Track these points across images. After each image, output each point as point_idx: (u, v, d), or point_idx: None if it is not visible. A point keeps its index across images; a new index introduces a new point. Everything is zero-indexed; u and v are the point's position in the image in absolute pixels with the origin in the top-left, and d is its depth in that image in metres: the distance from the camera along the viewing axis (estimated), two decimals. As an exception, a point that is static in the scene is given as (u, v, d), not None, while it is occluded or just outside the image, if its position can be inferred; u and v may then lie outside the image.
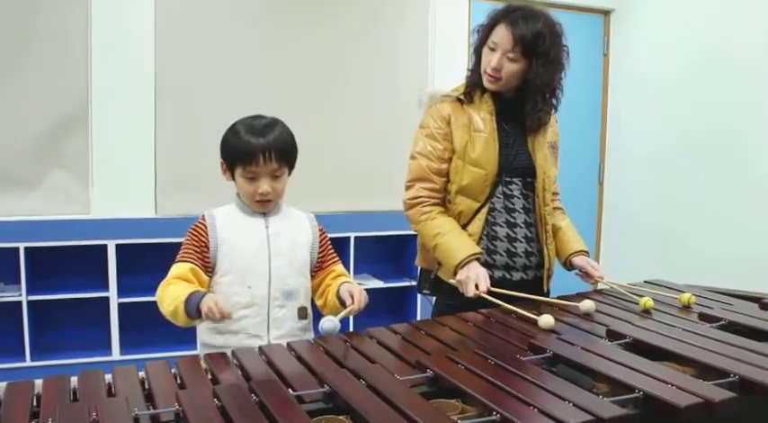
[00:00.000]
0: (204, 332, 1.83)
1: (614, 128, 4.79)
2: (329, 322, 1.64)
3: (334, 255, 1.98)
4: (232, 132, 1.80)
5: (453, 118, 2.08)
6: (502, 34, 1.98)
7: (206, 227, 1.81)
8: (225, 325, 1.77)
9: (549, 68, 2.00)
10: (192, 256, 1.78)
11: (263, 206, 1.83)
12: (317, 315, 1.92)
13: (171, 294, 1.71)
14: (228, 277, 1.80)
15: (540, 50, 1.97)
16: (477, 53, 2.09)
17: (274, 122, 1.83)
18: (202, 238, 1.80)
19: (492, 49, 2.02)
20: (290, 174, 1.86)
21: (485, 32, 2.05)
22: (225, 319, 1.63)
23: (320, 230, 1.96)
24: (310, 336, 1.89)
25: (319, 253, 1.93)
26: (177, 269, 1.77)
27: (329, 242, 1.97)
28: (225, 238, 1.80)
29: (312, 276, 1.92)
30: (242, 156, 1.76)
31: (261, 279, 1.80)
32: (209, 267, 1.80)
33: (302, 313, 1.86)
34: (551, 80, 2.03)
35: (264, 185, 1.78)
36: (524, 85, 2.04)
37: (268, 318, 1.81)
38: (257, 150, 1.74)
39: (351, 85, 4.08)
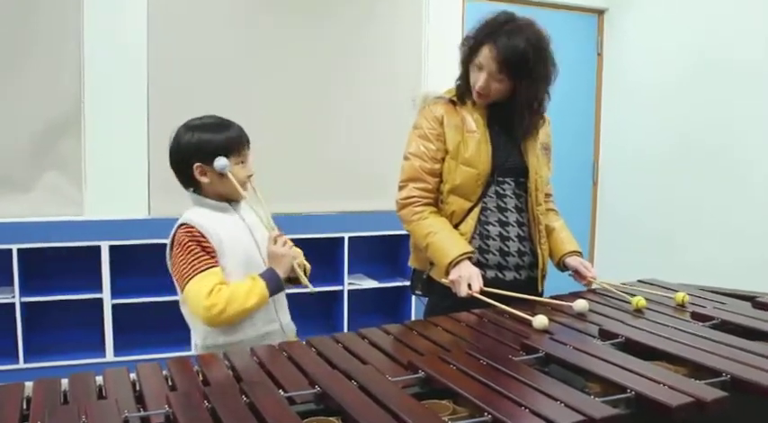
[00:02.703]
0: (217, 332, 1.81)
1: (608, 128, 4.80)
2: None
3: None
4: (198, 135, 1.83)
5: (446, 119, 2.09)
6: (487, 57, 1.98)
7: (200, 232, 1.78)
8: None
9: (535, 85, 2.01)
10: (211, 261, 1.76)
11: (247, 189, 1.88)
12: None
13: (240, 291, 1.74)
14: (235, 274, 1.80)
15: (526, 71, 1.97)
16: (465, 66, 2.09)
17: (223, 118, 1.90)
18: (205, 244, 1.77)
19: (479, 69, 2.02)
20: None
21: (471, 50, 2.04)
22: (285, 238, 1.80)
23: None
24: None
25: None
26: (213, 276, 1.74)
27: None
28: (220, 238, 1.80)
29: None
30: (234, 145, 1.83)
31: (260, 267, 1.84)
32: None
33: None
34: (537, 94, 2.04)
35: (252, 167, 1.89)
36: (515, 103, 2.05)
37: (275, 301, 1.87)
38: (242, 136, 1.85)
39: (344, 86, 4.08)
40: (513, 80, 2.00)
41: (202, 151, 1.82)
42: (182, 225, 1.81)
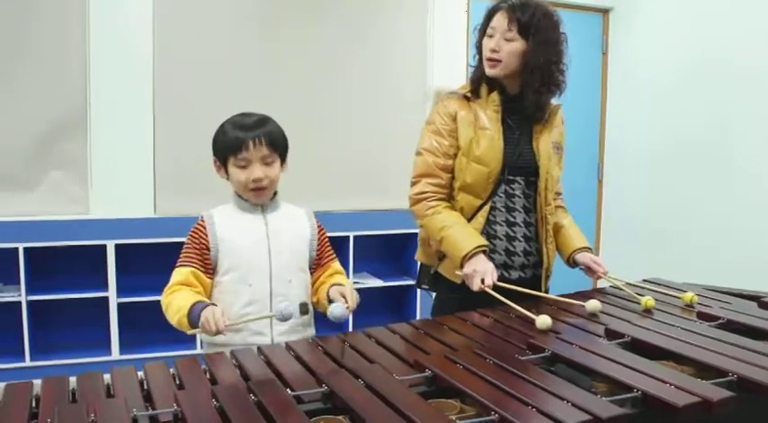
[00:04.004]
0: None
1: (614, 126, 4.79)
2: (339, 308, 1.64)
3: (332, 252, 1.98)
4: (222, 129, 1.83)
5: (459, 115, 2.10)
6: (498, 19, 2.05)
7: (205, 228, 1.81)
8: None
9: (545, 48, 2.03)
10: (193, 259, 1.79)
11: (259, 195, 1.82)
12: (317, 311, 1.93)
13: (175, 304, 1.72)
14: (229, 276, 1.80)
15: (535, 28, 2.01)
16: (479, 47, 2.12)
17: (264, 118, 1.85)
18: (202, 240, 1.80)
19: (490, 36, 2.06)
20: (282, 166, 1.86)
21: (484, 24, 2.10)
22: (218, 334, 1.60)
23: (319, 227, 1.96)
24: (312, 331, 1.90)
25: (317, 249, 1.93)
26: (179, 275, 1.78)
27: (327, 239, 1.98)
28: (224, 237, 1.81)
29: (310, 272, 1.92)
30: (232, 145, 1.78)
31: (262, 276, 1.81)
32: (209, 268, 1.81)
33: (303, 309, 1.84)
34: (548, 60, 2.04)
35: (257, 171, 1.78)
36: (525, 72, 2.06)
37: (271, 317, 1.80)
38: (247, 138, 1.77)
39: (349, 84, 4.08)
40: (523, 38, 2.02)
41: (214, 147, 1.84)
42: (202, 215, 1.85)
